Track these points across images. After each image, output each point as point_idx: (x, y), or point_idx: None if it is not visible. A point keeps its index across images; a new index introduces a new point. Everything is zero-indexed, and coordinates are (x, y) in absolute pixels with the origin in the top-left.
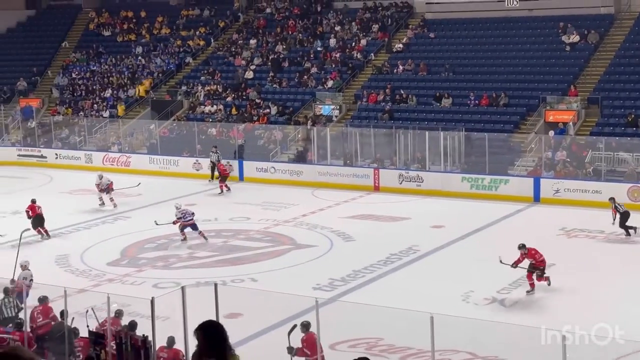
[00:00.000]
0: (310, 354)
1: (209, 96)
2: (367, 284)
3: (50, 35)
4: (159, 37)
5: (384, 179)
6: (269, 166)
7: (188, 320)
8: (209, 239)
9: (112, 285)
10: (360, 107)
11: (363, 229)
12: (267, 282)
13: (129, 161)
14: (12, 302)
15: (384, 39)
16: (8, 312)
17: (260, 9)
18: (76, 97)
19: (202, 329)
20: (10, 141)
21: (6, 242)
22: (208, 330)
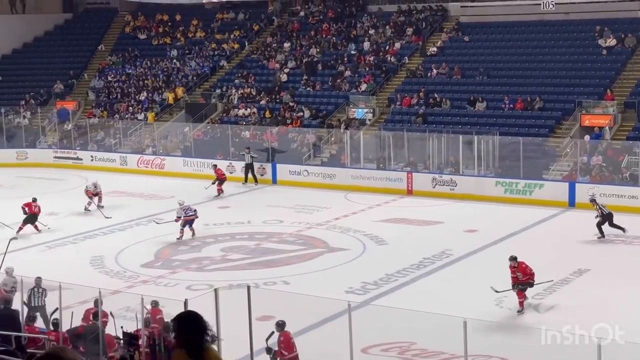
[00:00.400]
0: (287, 354)
1: (243, 99)
2: (399, 287)
3: (86, 39)
4: (194, 40)
5: (417, 182)
6: (302, 169)
7: (221, 323)
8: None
9: (146, 287)
10: (393, 111)
11: (396, 233)
12: (299, 285)
13: (163, 164)
14: (42, 293)
15: (418, 42)
16: (37, 301)
17: (295, 12)
18: (112, 100)
19: (177, 319)
20: (46, 143)
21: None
22: (182, 322)
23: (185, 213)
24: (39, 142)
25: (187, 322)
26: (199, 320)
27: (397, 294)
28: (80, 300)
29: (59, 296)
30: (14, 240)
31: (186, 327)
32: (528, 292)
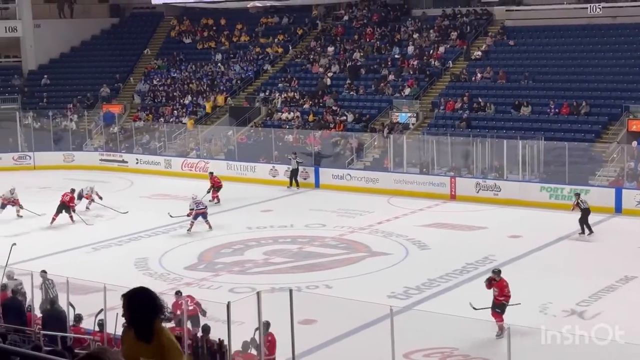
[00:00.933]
0: (268, 353)
1: (287, 103)
2: (442, 293)
3: (132, 43)
4: (238, 44)
5: (460, 187)
6: (344, 173)
7: (263, 326)
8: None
9: (189, 289)
10: (437, 115)
11: (439, 238)
12: (341, 289)
13: (207, 167)
14: (52, 283)
15: (462, 46)
16: (52, 292)
17: (338, 16)
18: (157, 104)
19: (125, 296)
20: (93, 146)
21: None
22: (131, 300)
23: (197, 207)
24: (85, 145)
25: (135, 300)
26: (150, 298)
27: (440, 299)
28: None
29: (103, 297)
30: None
31: (135, 305)
32: (572, 298)
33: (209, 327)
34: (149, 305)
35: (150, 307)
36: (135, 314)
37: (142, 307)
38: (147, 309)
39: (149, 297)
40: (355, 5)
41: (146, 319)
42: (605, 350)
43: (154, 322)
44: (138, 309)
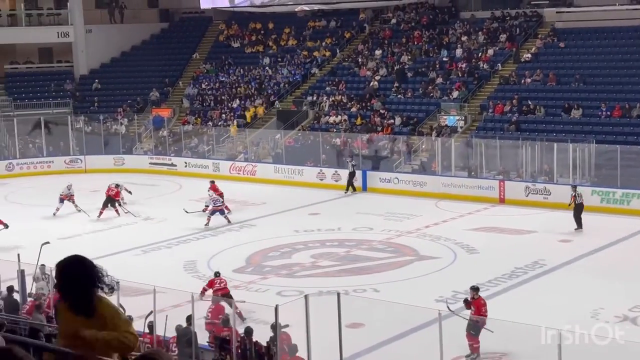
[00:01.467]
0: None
1: (334, 106)
2: (491, 297)
3: (181, 47)
4: (286, 48)
5: (509, 191)
6: (392, 176)
7: (311, 329)
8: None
9: (238, 292)
10: (486, 118)
11: (487, 242)
12: (389, 292)
13: (255, 170)
14: (49, 277)
15: (511, 49)
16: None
17: (386, 19)
18: (205, 107)
19: (60, 266)
20: (142, 149)
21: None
22: (62, 270)
23: (213, 203)
24: (135, 149)
25: (70, 270)
26: (86, 266)
27: (489, 303)
28: (174, 303)
29: (153, 300)
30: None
31: (70, 276)
32: (625, 304)
33: (252, 329)
34: (86, 274)
35: (87, 277)
36: (71, 285)
37: (78, 278)
38: (84, 279)
39: (84, 266)
40: (403, 9)
41: (84, 291)
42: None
43: (92, 293)
44: (73, 279)
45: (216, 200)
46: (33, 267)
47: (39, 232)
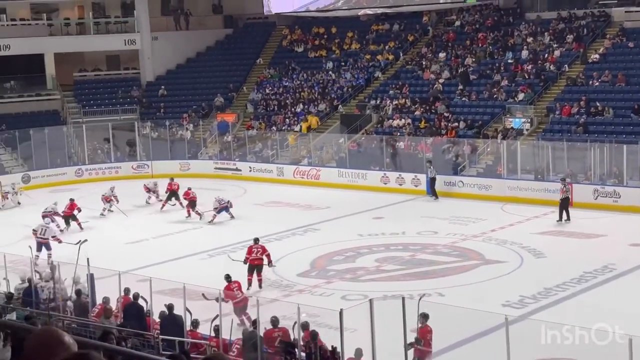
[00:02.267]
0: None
1: (398, 110)
2: (559, 302)
3: (245, 53)
4: (349, 52)
5: (577, 194)
6: (457, 180)
7: (376, 333)
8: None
9: (302, 296)
10: (552, 120)
11: (555, 246)
12: (454, 297)
13: (319, 174)
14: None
15: (579, 49)
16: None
17: (450, 22)
18: (269, 112)
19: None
20: (207, 154)
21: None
22: None
23: (219, 204)
24: (200, 154)
25: None
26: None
27: (557, 308)
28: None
29: (219, 304)
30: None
31: None
32: None
33: (317, 332)
34: None
35: None
36: None
37: None
38: None
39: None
40: (467, 11)
41: None
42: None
43: None
44: None
45: (221, 200)
46: (102, 271)
47: (107, 237)
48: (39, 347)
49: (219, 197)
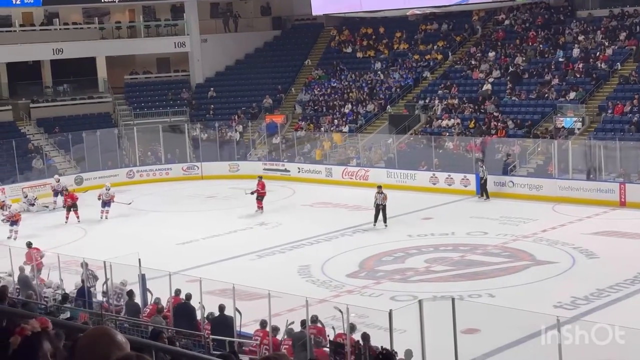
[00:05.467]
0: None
1: (447, 110)
2: (612, 303)
3: (294, 54)
4: (397, 52)
5: (631, 194)
6: (507, 180)
7: (425, 334)
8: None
9: (351, 297)
10: (605, 119)
11: (608, 246)
12: (505, 298)
13: (367, 175)
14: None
15: (632, 47)
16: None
17: (499, 21)
18: (317, 113)
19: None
20: (256, 155)
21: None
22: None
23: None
24: (249, 155)
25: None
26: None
27: (610, 309)
28: (288, 308)
29: (268, 304)
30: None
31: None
32: None
33: (369, 335)
34: None
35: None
36: None
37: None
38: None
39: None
40: (517, 9)
41: None
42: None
43: None
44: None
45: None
46: (153, 272)
47: (159, 237)
48: (92, 347)
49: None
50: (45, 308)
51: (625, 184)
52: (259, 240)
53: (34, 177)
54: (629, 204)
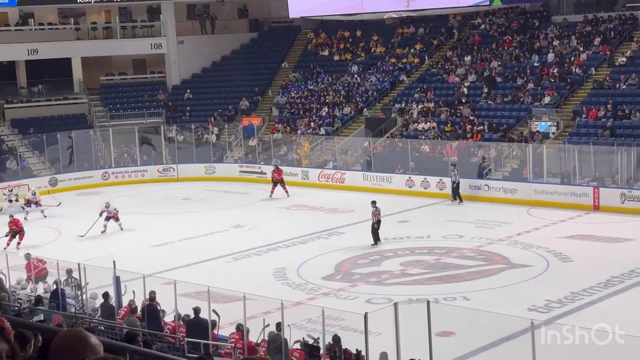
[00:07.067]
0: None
1: (423, 113)
2: (585, 307)
3: (271, 57)
4: (374, 55)
5: (604, 198)
6: (482, 184)
7: (401, 337)
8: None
9: (327, 299)
10: (579, 124)
11: (581, 250)
12: (479, 301)
13: (344, 178)
14: (74, 282)
15: (605, 52)
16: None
17: (476, 25)
18: (294, 116)
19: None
20: (232, 158)
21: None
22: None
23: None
24: (225, 157)
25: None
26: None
27: (583, 313)
28: (264, 310)
29: (243, 306)
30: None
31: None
32: None
33: (339, 337)
34: None
35: None
36: None
37: None
38: None
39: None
40: (493, 14)
41: None
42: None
43: None
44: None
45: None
46: (128, 274)
47: (134, 240)
48: (65, 349)
49: (108, 204)
50: (18, 310)
51: (598, 188)
52: (234, 243)
53: (8, 178)
54: (603, 207)
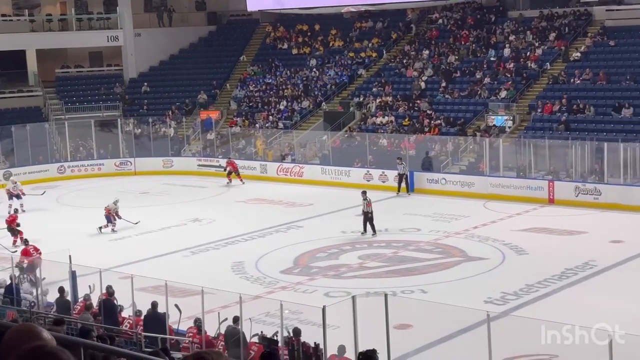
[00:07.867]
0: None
1: (381, 107)
2: (540, 298)
3: (229, 50)
4: (333, 49)
5: (559, 191)
6: (439, 177)
7: (358, 330)
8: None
9: (285, 293)
10: (534, 118)
11: (537, 243)
12: (437, 293)
13: (302, 171)
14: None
15: (560, 47)
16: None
17: (433, 20)
18: (253, 109)
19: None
20: (190, 151)
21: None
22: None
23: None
24: (183, 151)
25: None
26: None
27: (538, 304)
28: (222, 304)
29: (201, 300)
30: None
31: None
32: None
33: (300, 330)
34: None
35: None
36: None
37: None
38: None
39: None
40: (450, 9)
41: None
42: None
43: None
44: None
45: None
46: (84, 269)
47: (89, 234)
48: (17, 343)
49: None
50: None
51: (553, 182)
52: (192, 237)
53: None
54: (557, 201)
